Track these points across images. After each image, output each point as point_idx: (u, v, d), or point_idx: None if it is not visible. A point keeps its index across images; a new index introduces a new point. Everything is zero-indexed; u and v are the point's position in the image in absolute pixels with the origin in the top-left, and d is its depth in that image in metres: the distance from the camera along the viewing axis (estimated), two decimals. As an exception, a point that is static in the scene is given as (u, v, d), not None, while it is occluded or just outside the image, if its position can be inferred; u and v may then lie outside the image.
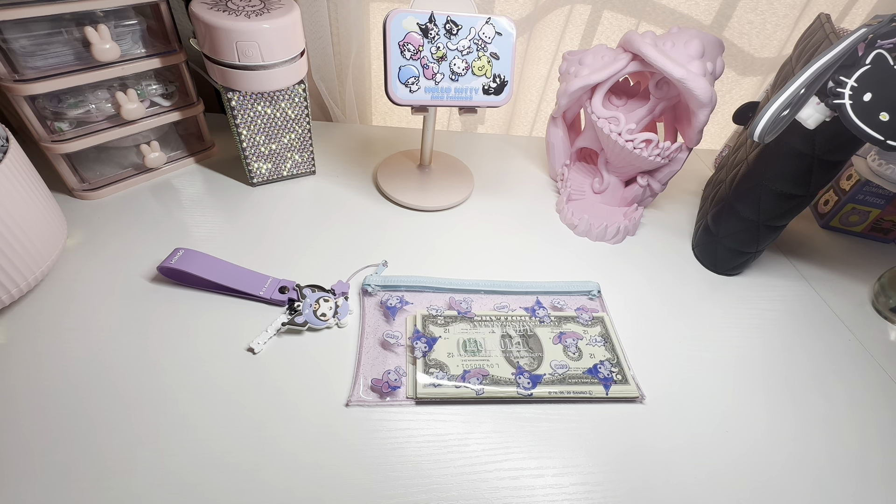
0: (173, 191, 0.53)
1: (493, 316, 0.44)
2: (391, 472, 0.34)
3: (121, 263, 0.44)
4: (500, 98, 0.49)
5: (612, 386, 0.40)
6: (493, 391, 0.38)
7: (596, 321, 0.45)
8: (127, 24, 0.46)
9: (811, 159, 0.45)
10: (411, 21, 0.44)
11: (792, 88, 0.38)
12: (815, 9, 0.70)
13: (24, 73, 0.42)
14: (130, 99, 0.47)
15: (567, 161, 0.62)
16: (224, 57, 0.45)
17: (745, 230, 0.51)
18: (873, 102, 0.36)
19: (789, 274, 0.57)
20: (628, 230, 0.57)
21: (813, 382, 0.45)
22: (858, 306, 0.54)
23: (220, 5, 0.45)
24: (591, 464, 0.36)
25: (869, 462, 0.39)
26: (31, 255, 0.38)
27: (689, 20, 0.70)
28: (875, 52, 0.36)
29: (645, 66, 0.52)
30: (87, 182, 0.50)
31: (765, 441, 0.39)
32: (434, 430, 0.37)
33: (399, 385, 0.38)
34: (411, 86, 0.46)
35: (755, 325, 0.49)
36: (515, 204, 0.60)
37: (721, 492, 0.36)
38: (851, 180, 0.61)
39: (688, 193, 0.67)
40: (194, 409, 0.35)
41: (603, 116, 0.54)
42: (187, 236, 0.48)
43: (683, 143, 0.54)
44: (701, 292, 0.52)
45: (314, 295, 0.43)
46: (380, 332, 0.42)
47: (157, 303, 0.42)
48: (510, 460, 0.36)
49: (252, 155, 0.53)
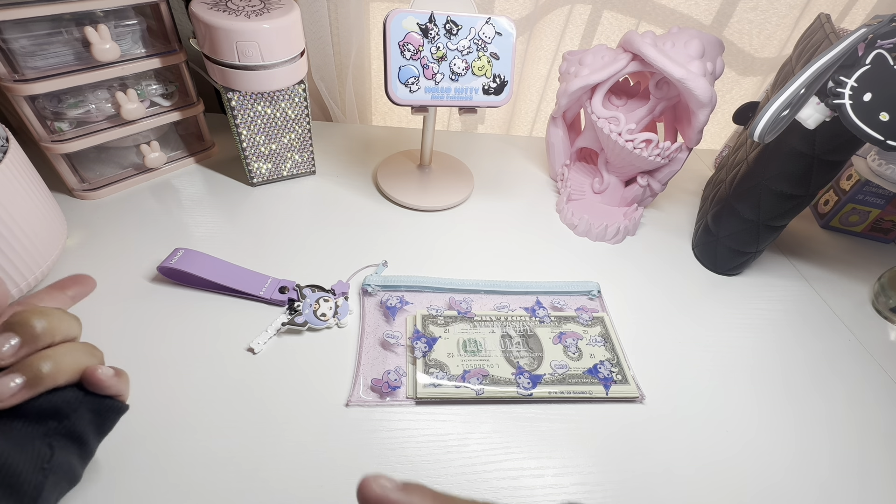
0: (173, 191, 0.53)
1: (493, 316, 0.44)
2: (391, 472, 0.33)
3: (121, 263, 0.44)
4: (500, 98, 0.49)
5: (612, 386, 0.40)
6: (493, 391, 0.38)
7: (596, 321, 0.45)
8: (127, 24, 0.46)
9: (811, 159, 0.45)
10: (411, 21, 0.44)
11: (792, 88, 0.38)
12: (815, 9, 0.70)
13: (24, 73, 0.42)
14: (130, 99, 0.47)
15: (567, 161, 0.62)
16: (224, 57, 0.45)
17: (745, 230, 0.51)
18: (873, 102, 0.36)
19: (789, 274, 0.57)
20: (628, 230, 0.57)
21: (813, 382, 0.45)
22: (858, 306, 0.54)
23: (220, 5, 0.45)
24: (591, 464, 0.36)
25: (869, 462, 0.39)
26: (31, 255, 0.39)
27: (689, 20, 0.70)
28: (875, 52, 0.36)
29: (645, 66, 0.52)
30: (87, 182, 0.50)
31: (765, 441, 0.39)
32: (434, 430, 0.37)
33: (399, 385, 0.38)
34: (411, 86, 0.46)
35: (755, 325, 0.49)
36: (515, 204, 0.60)
37: (721, 492, 0.36)
38: (851, 180, 0.61)
39: (688, 193, 0.67)
40: (194, 409, 0.35)
41: (603, 116, 0.54)
42: (187, 236, 0.48)
43: (683, 143, 0.54)
44: (701, 292, 0.52)
45: (314, 295, 0.43)
46: (380, 332, 0.42)
47: (157, 303, 0.42)
48: (510, 460, 0.36)
49: (252, 155, 0.53)
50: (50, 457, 0.24)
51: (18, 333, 0.24)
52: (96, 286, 0.35)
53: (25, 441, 0.24)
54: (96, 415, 0.27)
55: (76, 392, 0.26)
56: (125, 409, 0.29)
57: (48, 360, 0.24)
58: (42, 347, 0.25)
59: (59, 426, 0.25)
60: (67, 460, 0.26)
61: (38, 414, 0.25)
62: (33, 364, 0.24)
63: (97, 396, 0.27)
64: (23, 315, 0.25)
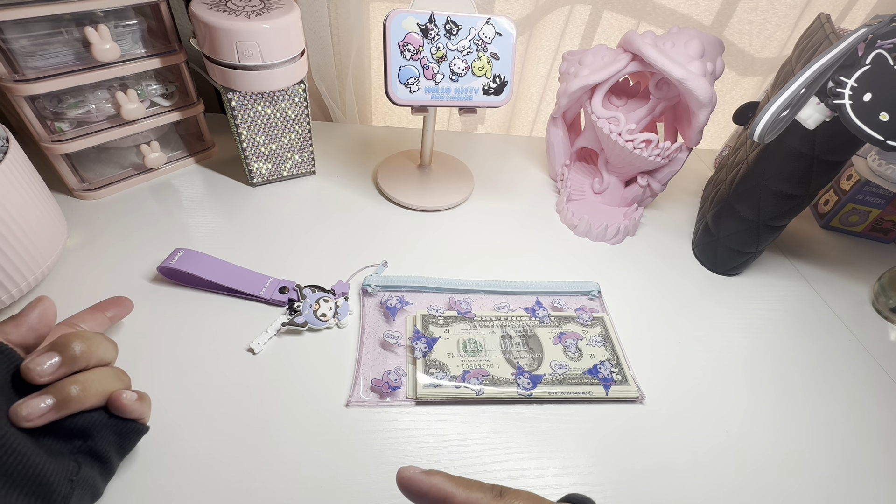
0: (173, 191, 0.53)
1: (493, 316, 0.44)
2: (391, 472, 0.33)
3: (121, 263, 0.44)
4: (500, 98, 0.49)
5: (612, 386, 0.40)
6: (493, 391, 0.38)
7: (596, 321, 0.45)
8: (127, 24, 0.46)
9: (811, 159, 0.45)
10: (411, 21, 0.44)
11: (792, 88, 0.38)
12: (815, 9, 0.70)
13: (25, 73, 0.42)
14: (130, 99, 0.47)
15: (567, 161, 0.62)
16: (224, 57, 0.45)
17: (745, 230, 0.51)
18: (873, 102, 0.36)
19: (789, 274, 0.57)
20: (628, 230, 0.57)
21: (813, 382, 0.45)
22: (858, 306, 0.54)
23: (220, 5, 0.45)
24: (591, 464, 0.36)
25: (869, 462, 0.39)
26: (31, 256, 0.38)
27: (689, 20, 0.70)
28: (875, 52, 0.36)
29: (645, 66, 0.52)
30: (87, 182, 0.50)
31: (764, 441, 0.40)
32: (434, 430, 0.37)
33: (399, 385, 0.38)
34: (411, 86, 0.46)
35: (755, 326, 0.49)
36: (515, 204, 0.60)
37: (721, 492, 0.36)
38: (851, 180, 0.61)
39: (688, 193, 0.67)
40: (194, 410, 0.35)
41: (603, 116, 0.54)
42: (187, 236, 0.48)
43: (683, 143, 0.54)
44: (701, 292, 0.52)
45: (314, 295, 0.43)
46: (380, 333, 0.42)
47: (157, 303, 0.42)
48: (510, 460, 0.36)
49: (252, 155, 0.53)
50: (77, 471, 0.26)
51: (60, 353, 0.26)
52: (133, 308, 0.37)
53: (56, 454, 0.26)
54: (119, 436, 0.29)
55: (101, 415, 0.28)
56: (146, 430, 0.31)
57: (77, 384, 0.26)
58: (78, 370, 0.27)
59: (84, 445, 0.27)
60: (92, 476, 0.28)
61: (66, 432, 0.26)
62: (64, 387, 0.26)
63: (121, 419, 0.29)
64: (66, 337, 0.27)
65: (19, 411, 0.24)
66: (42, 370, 0.25)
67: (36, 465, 0.24)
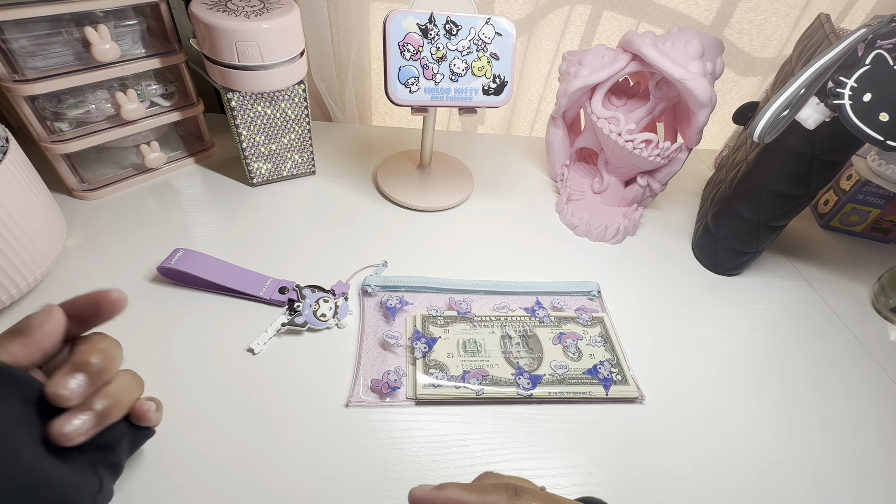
0: (173, 191, 0.53)
1: (492, 316, 0.44)
2: (391, 473, 0.34)
3: (121, 264, 0.44)
4: (500, 98, 0.49)
5: (612, 386, 0.40)
6: (493, 392, 0.38)
7: (596, 321, 0.45)
8: (127, 24, 0.46)
9: (811, 159, 0.45)
10: (411, 21, 0.44)
11: (792, 88, 0.38)
12: (815, 9, 0.70)
13: (24, 74, 0.42)
14: (130, 99, 0.47)
15: (567, 161, 0.62)
16: (224, 57, 0.45)
17: (745, 230, 0.51)
18: (873, 103, 0.36)
19: (789, 274, 0.57)
20: (628, 230, 0.57)
21: (813, 382, 0.45)
22: (858, 306, 0.54)
23: (220, 5, 0.45)
24: (590, 464, 0.36)
25: (869, 462, 0.39)
26: (31, 256, 0.38)
27: (689, 20, 0.70)
28: (875, 52, 0.36)
29: (645, 67, 0.52)
30: (87, 182, 0.50)
31: (764, 441, 0.40)
32: (434, 430, 0.37)
33: (399, 385, 0.38)
34: (411, 86, 0.46)
35: (755, 326, 0.49)
36: (515, 204, 0.60)
37: (721, 491, 0.36)
38: (851, 180, 0.61)
39: (688, 193, 0.67)
40: (194, 410, 0.35)
41: (603, 116, 0.54)
42: (187, 236, 0.48)
43: (683, 144, 0.54)
44: (701, 292, 0.52)
45: (314, 295, 0.43)
46: (380, 333, 0.42)
47: (157, 303, 0.42)
48: (510, 461, 0.36)
49: (252, 155, 0.53)
50: (100, 488, 0.26)
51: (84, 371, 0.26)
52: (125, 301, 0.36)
53: (83, 471, 0.26)
54: (133, 443, 0.30)
55: (124, 426, 0.28)
56: (153, 434, 0.31)
57: (110, 398, 0.26)
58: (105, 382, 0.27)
59: (105, 456, 0.27)
60: (110, 487, 0.28)
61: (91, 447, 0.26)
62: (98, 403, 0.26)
63: (138, 428, 0.29)
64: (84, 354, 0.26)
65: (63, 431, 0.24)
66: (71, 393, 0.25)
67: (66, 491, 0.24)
